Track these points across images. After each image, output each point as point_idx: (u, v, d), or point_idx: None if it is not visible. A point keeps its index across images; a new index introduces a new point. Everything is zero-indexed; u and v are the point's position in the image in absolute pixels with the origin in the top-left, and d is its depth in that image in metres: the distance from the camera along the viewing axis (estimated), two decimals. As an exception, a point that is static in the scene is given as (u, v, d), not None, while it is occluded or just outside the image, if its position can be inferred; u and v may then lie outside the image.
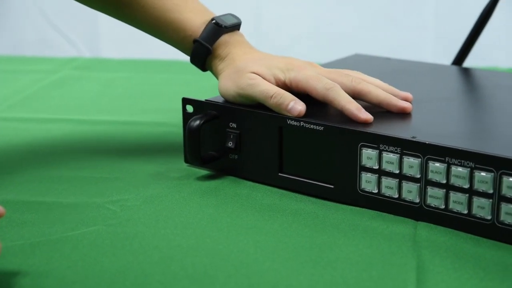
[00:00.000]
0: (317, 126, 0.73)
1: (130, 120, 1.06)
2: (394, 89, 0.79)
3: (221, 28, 0.82)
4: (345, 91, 0.76)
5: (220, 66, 0.82)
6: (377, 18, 1.80)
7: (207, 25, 0.82)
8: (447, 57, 1.12)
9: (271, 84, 0.77)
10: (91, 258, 0.62)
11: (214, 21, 0.82)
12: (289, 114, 0.74)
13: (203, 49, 0.82)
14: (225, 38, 0.82)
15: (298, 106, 0.74)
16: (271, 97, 0.75)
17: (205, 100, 0.81)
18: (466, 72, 0.98)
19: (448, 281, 0.58)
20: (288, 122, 0.75)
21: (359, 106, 0.73)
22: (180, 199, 0.75)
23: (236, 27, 0.84)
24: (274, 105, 0.75)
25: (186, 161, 0.84)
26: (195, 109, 0.81)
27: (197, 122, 0.78)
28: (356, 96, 0.76)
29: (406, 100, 0.77)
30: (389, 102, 0.76)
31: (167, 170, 0.83)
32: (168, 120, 1.05)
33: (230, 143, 0.79)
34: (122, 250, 0.63)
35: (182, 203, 0.74)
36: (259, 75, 0.77)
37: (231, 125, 0.79)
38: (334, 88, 0.74)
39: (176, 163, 0.85)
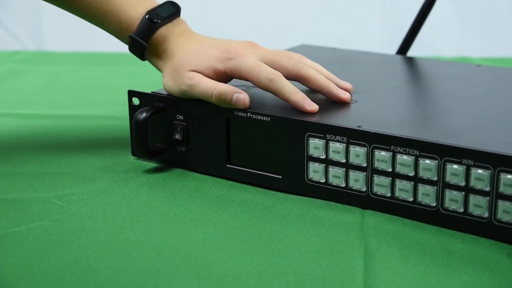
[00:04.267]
0: (264, 117, 0.73)
1: (76, 113, 1.05)
2: (335, 78, 0.79)
3: (155, 23, 0.78)
4: (287, 75, 0.75)
5: (159, 63, 0.80)
6: (324, 9, 1.81)
7: (141, 20, 0.79)
8: (394, 47, 1.14)
9: (210, 81, 0.75)
10: (37, 254, 0.61)
11: (147, 16, 0.79)
12: (235, 107, 0.74)
13: (139, 45, 0.79)
14: (161, 32, 0.79)
15: (241, 97, 0.73)
16: (212, 95, 0.74)
17: (151, 92, 0.81)
18: (410, 61, 0.99)
19: (395, 268, 0.59)
20: (235, 114, 0.75)
21: (304, 96, 0.73)
22: (127, 193, 0.75)
23: (173, 16, 0.81)
24: (217, 102, 0.74)
25: (133, 154, 0.84)
26: (141, 101, 0.81)
27: (144, 114, 0.77)
28: (297, 80, 0.76)
29: (346, 90, 0.78)
30: (328, 90, 0.76)
31: (114, 164, 0.83)
32: (115, 113, 1.04)
33: (178, 135, 0.79)
34: (69, 245, 0.63)
35: (129, 196, 0.74)
36: (197, 71, 0.76)
37: (178, 117, 0.79)
38: (277, 78, 0.74)
39: (123, 157, 0.85)
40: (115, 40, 0.86)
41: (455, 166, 0.63)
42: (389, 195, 0.68)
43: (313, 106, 0.72)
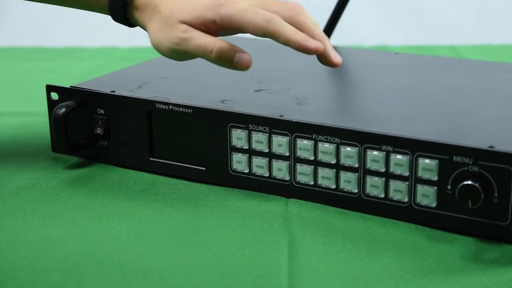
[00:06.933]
0: (185, 109, 0.73)
1: (-8, 110, 1.02)
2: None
3: None
4: None
5: (142, 17, 0.73)
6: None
7: None
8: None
9: (208, 36, 0.67)
10: (-47, 256, 0.59)
11: None
12: (236, 68, 0.68)
13: (118, 2, 0.72)
14: None
15: (244, 57, 0.67)
16: (211, 51, 0.67)
17: (71, 86, 0.79)
18: (331, 51, 1.00)
19: (319, 255, 0.60)
20: (157, 106, 0.74)
21: (306, 35, 0.65)
22: (48, 190, 0.73)
23: None
24: (216, 60, 0.67)
25: (54, 150, 0.82)
26: (60, 96, 0.79)
27: (63, 109, 0.76)
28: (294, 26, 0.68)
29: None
30: (323, 45, 0.66)
31: (34, 161, 0.81)
32: (34, 109, 1.01)
33: (99, 130, 0.78)
34: (-13, 246, 0.61)
35: (50, 193, 0.72)
36: (190, 24, 0.68)
37: (99, 111, 0.77)
38: (275, 19, 0.65)
39: (43, 153, 0.83)
40: (31, 33, 0.84)
41: (375, 153, 0.64)
42: (312, 183, 0.69)
43: (317, 44, 0.64)
